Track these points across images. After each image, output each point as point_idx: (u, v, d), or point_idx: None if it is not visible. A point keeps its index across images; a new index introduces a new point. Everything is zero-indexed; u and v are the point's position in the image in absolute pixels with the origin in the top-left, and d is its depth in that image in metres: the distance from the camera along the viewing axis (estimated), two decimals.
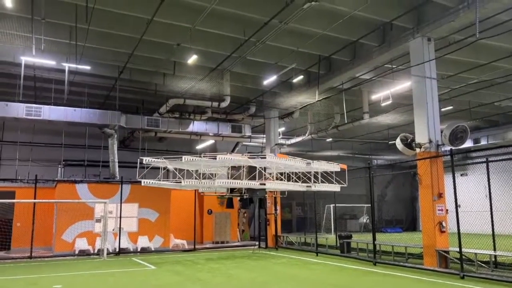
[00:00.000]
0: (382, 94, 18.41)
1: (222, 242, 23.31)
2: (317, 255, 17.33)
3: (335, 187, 15.95)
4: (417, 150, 13.50)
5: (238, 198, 16.47)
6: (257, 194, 15.48)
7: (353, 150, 32.56)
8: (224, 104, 19.35)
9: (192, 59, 15.40)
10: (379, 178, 32.45)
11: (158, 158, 14.04)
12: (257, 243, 21.57)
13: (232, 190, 15.49)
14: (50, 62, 16.31)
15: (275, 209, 21.13)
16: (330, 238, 20.70)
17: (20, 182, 20.01)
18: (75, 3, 12.26)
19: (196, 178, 14.95)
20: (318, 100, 18.39)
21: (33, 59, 15.91)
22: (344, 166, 15.58)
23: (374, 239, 14.65)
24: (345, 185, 15.61)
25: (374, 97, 19.71)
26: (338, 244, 18.30)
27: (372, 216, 15.80)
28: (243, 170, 13.97)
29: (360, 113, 21.68)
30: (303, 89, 19.44)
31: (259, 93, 20.51)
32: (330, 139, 29.55)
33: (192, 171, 15.38)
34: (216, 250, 20.62)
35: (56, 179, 20.90)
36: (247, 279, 11.44)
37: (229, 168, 14.74)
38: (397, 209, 36.40)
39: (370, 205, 16.13)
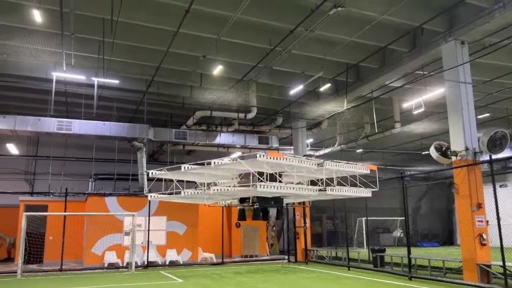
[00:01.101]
0: (414, 102, 17.76)
1: (251, 256, 22.91)
2: (348, 269, 16.68)
3: (364, 192, 12.72)
4: (453, 158, 12.83)
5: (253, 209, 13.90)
6: (271, 203, 12.96)
7: (385, 161, 31.63)
8: (250, 115, 19.19)
9: (218, 69, 15.34)
10: (413, 190, 31.36)
11: (160, 170, 12.58)
12: (286, 257, 21.07)
13: (243, 200, 13.21)
14: (80, 77, 16.66)
15: (304, 222, 20.62)
16: (363, 252, 19.97)
17: (52, 195, 20.38)
18: (102, 17, 12.45)
19: (196, 188, 13.24)
20: (346, 109, 17.95)
21: (63, 74, 16.30)
22: (374, 167, 12.73)
23: (409, 252, 13.94)
24: (376, 189, 12.69)
25: (406, 105, 19.09)
26: (371, 258, 17.60)
27: (407, 228, 15.08)
28: (251, 177, 11.17)
29: (391, 123, 21.04)
30: (331, 98, 19.07)
31: (286, 103, 20.26)
32: (360, 150, 28.82)
33: (200, 183, 13.88)
34: (245, 263, 20.24)
35: (87, 192, 21.19)
36: None
37: (239, 176, 12.85)
38: (433, 222, 35.00)
39: (404, 218, 15.25)
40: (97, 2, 12.04)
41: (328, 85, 17.58)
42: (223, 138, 21.10)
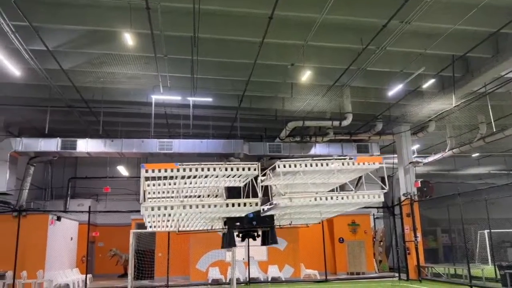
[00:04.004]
0: None
1: (358, 273, 21.43)
2: None
3: (373, 196, 7.65)
4: None
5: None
6: (251, 225, 8.73)
7: (507, 165, 27.83)
8: (345, 123, 18.13)
9: (306, 75, 14.71)
10: None
11: None
12: (397, 274, 19.25)
13: (232, 222, 8.71)
14: (176, 98, 17.33)
15: (415, 236, 18.69)
16: (487, 269, 17.40)
17: None
18: (189, 35, 12.69)
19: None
20: (455, 106, 15.97)
21: (161, 96, 17.10)
22: (380, 159, 7.88)
23: None
24: (386, 190, 7.70)
25: None
26: (499, 276, 15.15)
27: None
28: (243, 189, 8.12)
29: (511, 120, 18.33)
30: (437, 97, 17.16)
31: (385, 107, 18.79)
32: (476, 154, 25.69)
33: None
34: (350, 281, 18.94)
35: None
36: None
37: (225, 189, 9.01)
38: None
39: None
40: (183, 22, 12.31)
41: (431, 82, 15.86)
42: (318, 149, 20.26)
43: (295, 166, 6.99)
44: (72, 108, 17.95)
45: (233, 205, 7.00)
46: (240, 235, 9.06)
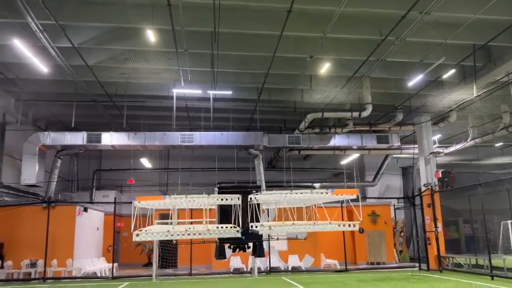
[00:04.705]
0: None
1: (378, 263, 21.56)
2: (492, 278, 14.50)
3: (348, 225, 9.09)
4: None
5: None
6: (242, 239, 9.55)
7: None
8: (365, 114, 18.13)
9: (325, 67, 14.77)
10: None
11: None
12: (417, 264, 19.30)
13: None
14: (196, 92, 17.65)
15: (436, 226, 18.66)
16: (509, 259, 17.25)
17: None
18: (210, 30, 12.93)
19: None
20: (476, 96, 15.80)
21: (182, 90, 17.46)
22: (355, 192, 9.06)
23: None
24: (360, 221, 8.83)
25: None
26: None
27: None
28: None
29: None
30: (458, 87, 16.98)
31: (405, 97, 18.69)
32: (500, 144, 25.28)
33: None
34: (370, 271, 19.08)
35: None
36: None
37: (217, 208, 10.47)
38: None
39: None
40: (204, 18, 12.54)
41: (452, 72, 15.69)
42: (338, 140, 20.29)
43: (276, 196, 8.78)
44: (96, 103, 18.50)
45: (215, 231, 8.45)
46: (232, 247, 10.31)
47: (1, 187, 18.28)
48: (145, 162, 25.60)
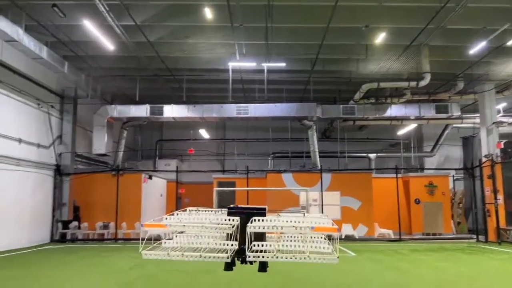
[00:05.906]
0: None
1: (434, 234, 21.38)
2: None
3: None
4: None
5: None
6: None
7: None
8: (423, 83, 17.68)
9: (381, 37, 14.52)
10: None
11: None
12: (475, 236, 18.98)
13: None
14: (251, 64, 18.06)
15: (496, 198, 18.13)
16: None
17: (238, 173, 22.83)
18: (263, 4, 13.16)
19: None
20: None
21: (237, 63, 17.95)
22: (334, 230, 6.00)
23: None
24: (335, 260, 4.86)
25: None
26: None
27: None
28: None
29: None
30: None
31: (467, 65, 17.89)
32: None
33: None
34: (425, 241, 19.06)
35: (266, 169, 23.01)
36: (453, 273, 10.16)
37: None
38: None
39: None
40: None
41: None
42: (394, 110, 19.94)
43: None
44: (158, 77, 19.52)
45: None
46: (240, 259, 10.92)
47: (76, 156, 20.09)
48: (203, 133, 26.71)
